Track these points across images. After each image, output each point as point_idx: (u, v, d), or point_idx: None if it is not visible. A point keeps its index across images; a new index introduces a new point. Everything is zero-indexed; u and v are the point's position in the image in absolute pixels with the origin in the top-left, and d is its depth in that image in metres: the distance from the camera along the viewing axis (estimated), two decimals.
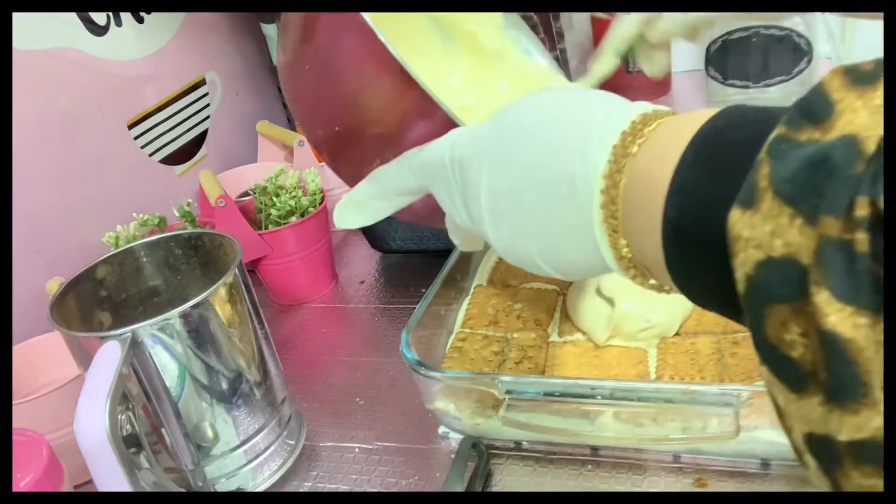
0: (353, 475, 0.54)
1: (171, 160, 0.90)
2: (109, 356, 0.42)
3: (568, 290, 0.61)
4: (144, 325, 0.44)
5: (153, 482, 0.46)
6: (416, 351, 0.51)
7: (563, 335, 0.58)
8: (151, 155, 0.88)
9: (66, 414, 0.45)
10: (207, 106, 0.98)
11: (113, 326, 0.51)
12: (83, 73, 0.79)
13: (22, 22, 0.70)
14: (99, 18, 0.81)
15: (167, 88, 0.91)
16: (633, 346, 0.55)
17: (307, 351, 0.70)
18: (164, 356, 0.45)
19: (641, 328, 0.54)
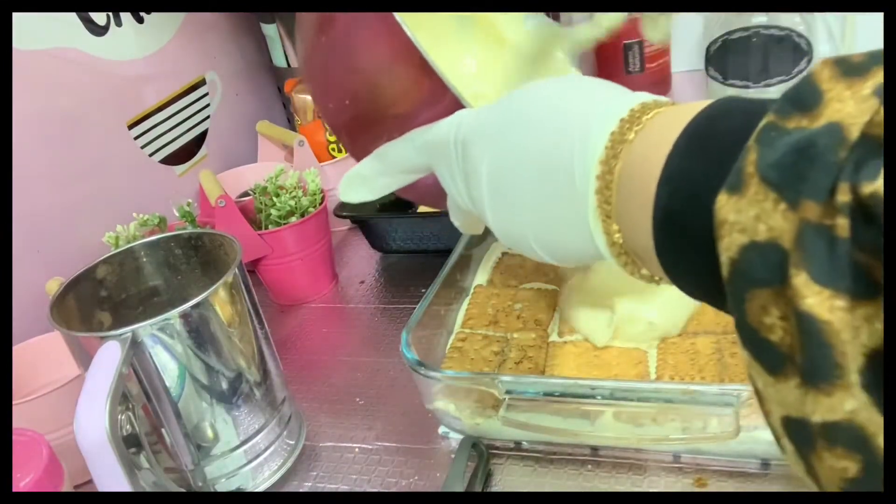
0: (353, 475, 0.54)
1: (171, 160, 0.90)
2: (109, 356, 0.42)
3: (560, 296, 0.61)
4: (144, 325, 0.44)
5: (153, 482, 0.46)
6: (416, 351, 0.51)
7: (563, 335, 0.58)
8: (151, 155, 0.88)
9: (66, 414, 0.45)
10: (207, 106, 0.98)
11: (113, 326, 0.51)
12: (83, 73, 0.79)
13: (22, 22, 0.70)
14: (99, 18, 0.81)
15: (167, 88, 0.91)
16: (633, 346, 0.55)
17: (307, 351, 0.70)
18: (164, 356, 0.45)
19: (643, 330, 0.54)
